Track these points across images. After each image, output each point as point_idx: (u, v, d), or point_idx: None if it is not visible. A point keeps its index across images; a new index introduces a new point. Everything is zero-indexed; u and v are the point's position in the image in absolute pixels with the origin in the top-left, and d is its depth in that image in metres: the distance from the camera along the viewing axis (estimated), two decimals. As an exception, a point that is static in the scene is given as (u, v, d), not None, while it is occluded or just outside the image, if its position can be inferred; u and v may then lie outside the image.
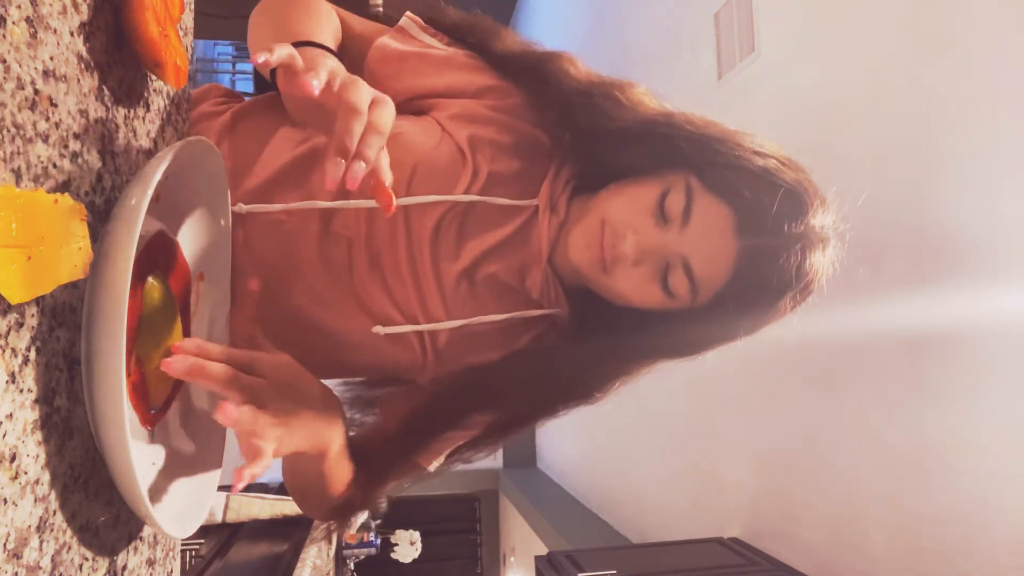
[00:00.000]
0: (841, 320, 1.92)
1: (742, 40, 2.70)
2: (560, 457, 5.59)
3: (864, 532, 2.01)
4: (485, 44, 0.81)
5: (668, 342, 0.76)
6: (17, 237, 0.36)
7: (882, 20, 1.97)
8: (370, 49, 0.81)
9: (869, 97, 2.02)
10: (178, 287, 0.60)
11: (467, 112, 0.77)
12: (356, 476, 0.76)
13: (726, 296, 0.70)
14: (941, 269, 1.75)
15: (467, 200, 0.73)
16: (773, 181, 0.69)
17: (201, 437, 0.61)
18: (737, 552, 2.48)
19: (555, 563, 2.49)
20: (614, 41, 4.21)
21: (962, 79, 1.69)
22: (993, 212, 1.60)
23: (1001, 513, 1.58)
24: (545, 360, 0.77)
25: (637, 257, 0.70)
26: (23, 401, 0.39)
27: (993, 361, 1.60)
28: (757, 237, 0.68)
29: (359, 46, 0.82)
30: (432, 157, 0.74)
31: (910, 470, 1.84)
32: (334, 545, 3.13)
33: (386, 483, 0.80)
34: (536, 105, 0.78)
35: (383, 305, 0.74)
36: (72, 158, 0.44)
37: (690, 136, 0.72)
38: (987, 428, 1.62)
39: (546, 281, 0.77)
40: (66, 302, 0.43)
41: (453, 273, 0.74)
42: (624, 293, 0.73)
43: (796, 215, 0.68)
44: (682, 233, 0.69)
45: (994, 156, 1.60)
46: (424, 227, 0.73)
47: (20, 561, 0.38)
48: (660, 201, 0.70)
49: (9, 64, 0.38)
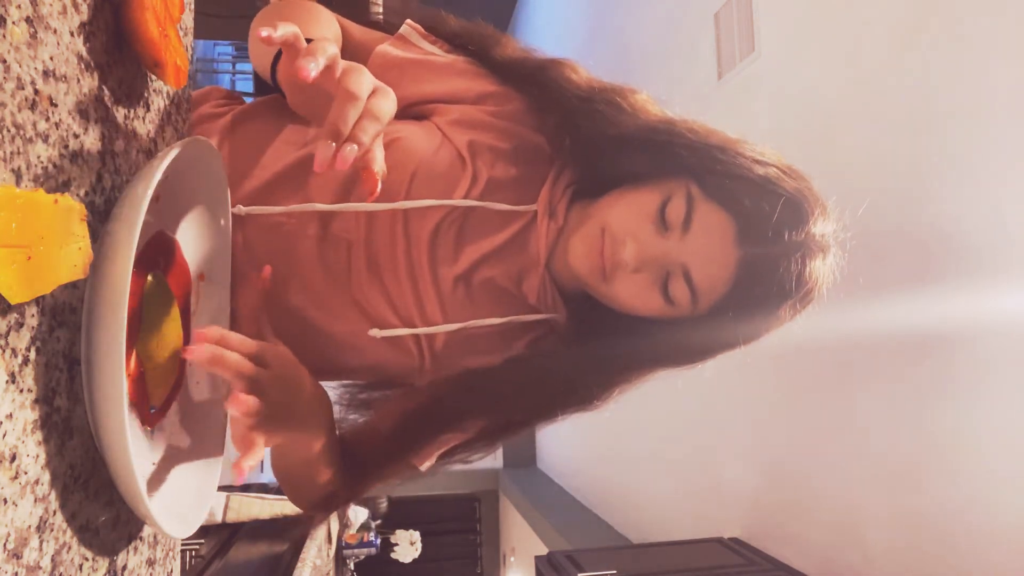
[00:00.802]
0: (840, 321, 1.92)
1: (742, 40, 2.70)
2: (560, 457, 5.59)
3: (864, 532, 2.01)
4: (486, 52, 0.81)
5: (667, 351, 0.76)
6: (17, 237, 0.36)
7: (882, 20, 1.97)
8: (370, 56, 0.81)
9: (869, 97, 2.02)
10: (178, 287, 0.60)
11: (467, 118, 0.77)
12: (342, 471, 0.78)
13: (726, 304, 0.70)
14: (941, 270, 1.75)
15: (466, 205, 0.73)
16: (774, 190, 0.69)
17: (201, 437, 0.61)
18: (737, 552, 2.48)
19: (555, 563, 2.49)
20: (614, 42, 4.21)
21: (962, 79, 1.69)
22: (993, 212, 1.60)
23: (1001, 513, 1.58)
24: (542, 365, 0.77)
25: (637, 264, 0.70)
26: (23, 401, 0.39)
27: (993, 361, 1.60)
28: (758, 246, 0.68)
29: (359, 53, 0.82)
30: (432, 162, 0.74)
31: (910, 470, 1.84)
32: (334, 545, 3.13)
33: (374, 481, 0.81)
34: (537, 111, 0.78)
35: (380, 308, 0.75)
36: (72, 158, 0.44)
37: (691, 144, 0.72)
38: (987, 428, 1.62)
39: (543, 286, 0.77)
40: (66, 302, 0.43)
41: (450, 277, 0.74)
42: (624, 300, 0.73)
43: (796, 224, 0.68)
44: (682, 241, 0.69)
45: (994, 156, 1.60)
46: (423, 231, 0.73)
47: (20, 561, 0.38)
48: (661, 209, 0.70)
49: (9, 64, 0.38)
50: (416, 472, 0.83)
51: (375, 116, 0.54)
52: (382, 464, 0.80)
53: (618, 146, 0.74)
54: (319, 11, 0.79)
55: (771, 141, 0.75)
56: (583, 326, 0.78)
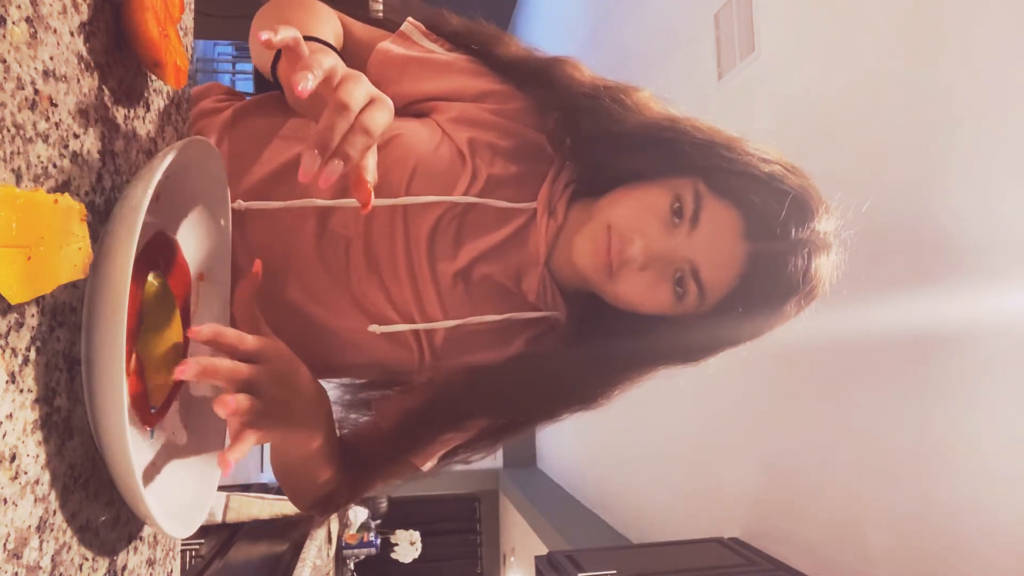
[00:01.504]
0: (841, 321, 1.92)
1: (742, 40, 2.70)
2: (560, 457, 5.59)
3: (864, 532, 2.01)
4: (488, 50, 0.81)
5: (671, 348, 0.76)
6: (17, 237, 0.36)
7: (882, 20, 1.97)
8: (371, 54, 0.81)
9: (869, 97, 2.02)
10: (178, 287, 0.60)
11: (467, 115, 0.77)
12: (342, 470, 0.77)
13: (732, 301, 0.70)
14: (941, 269, 1.75)
15: (465, 202, 0.73)
16: (780, 187, 0.69)
17: (201, 437, 0.61)
18: (737, 552, 2.48)
19: (555, 563, 2.49)
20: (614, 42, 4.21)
21: (962, 79, 1.69)
22: (993, 212, 1.60)
23: (1001, 513, 1.58)
24: (543, 364, 0.77)
25: (645, 261, 0.70)
26: (23, 401, 0.39)
27: (993, 361, 1.60)
28: (765, 242, 0.68)
29: (360, 51, 0.82)
30: (431, 159, 0.74)
31: (910, 470, 1.84)
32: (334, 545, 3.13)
33: (375, 481, 0.81)
34: (538, 109, 0.78)
35: (380, 304, 0.75)
36: (72, 158, 0.44)
37: (697, 141, 0.72)
38: (987, 428, 1.62)
39: (543, 284, 0.77)
40: (66, 302, 0.43)
41: (450, 273, 0.74)
42: (630, 298, 0.73)
43: (803, 220, 0.69)
44: (690, 238, 0.69)
45: (994, 156, 1.60)
46: (422, 227, 0.73)
47: (20, 561, 0.38)
48: (668, 206, 0.70)
49: (9, 64, 0.38)
50: (418, 472, 0.83)
51: (366, 130, 0.53)
52: (383, 464, 0.80)
53: (623, 143, 0.74)
54: (320, 8, 0.79)
55: (771, 141, 0.76)
56: (583, 324, 0.78)
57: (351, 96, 0.53)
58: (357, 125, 0.53)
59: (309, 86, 0.51)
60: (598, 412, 0.81)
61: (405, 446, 0.79)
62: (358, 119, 0.53)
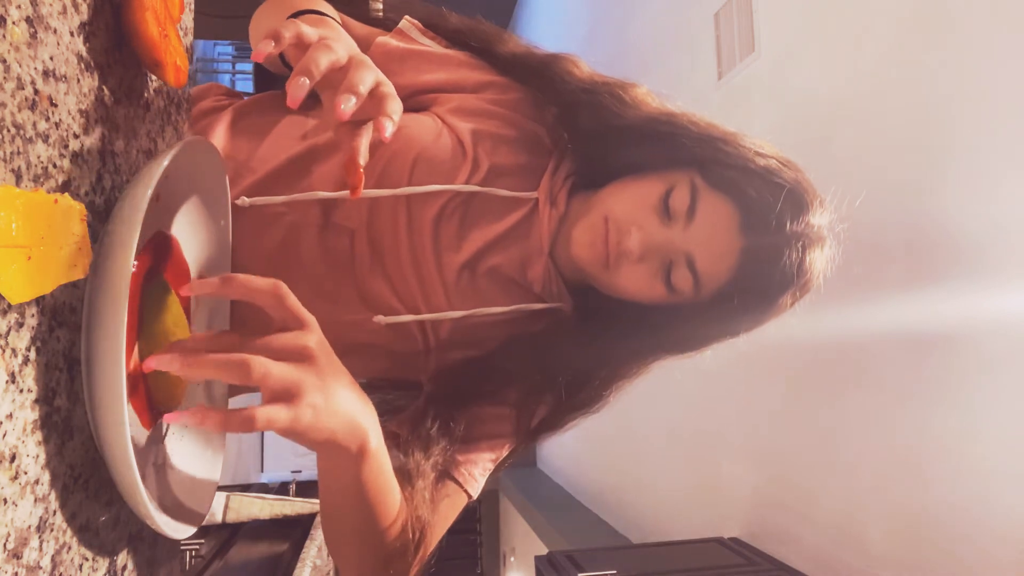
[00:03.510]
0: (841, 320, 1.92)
1: (742, 40, 2.70)
2: (560, 457, 5.59)
3: (864, 532, 2.01)
4: (488, 48, 0.82)
5: (669, 337, 0.76)
6: (17, 237, 0.36)
7: (881, 20, 1.97)
8: (370, 48, 0.81)
9: (868, 97, 2.02)
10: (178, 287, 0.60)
11: (467, 106, 0.78)
12: (407, 506, 0.64)
13: (728, 292, 0.71)
14: (941, 269, 1.75)
15: (468, 190, 0.73)
16: (775, 180, 0.70)
17: (201, 437, 0.61)
18: (737, 552, 2.48)
19: (555, 563, 2.49)
20: (614, 42, 4.21)
21: (961, 79, 1.69)
22: (993, 212, 1.60)
23: (1001, 512, 1.58)
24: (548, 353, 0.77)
25: (642, 253, 0.71)
26: (23, 401, 0.39)
27: (993, 361, 1.60)
28: (761, 235, 0.69)
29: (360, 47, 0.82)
30: (433, 149, 0.74)
31: (910, 469, 1.84)
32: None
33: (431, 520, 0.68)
34: (537, 103, 0.79)
35: (385, 295, 0.74)
36: (72, 158, 0.44)
37: (694, 135, 0.73)
38: (987, 427, 1.62)
39: (547, 275, 0.78)
40: (66, 302, 0.43)
41: (455, 264, 0.74)
42: (627, 289, 0.73)
43: (798, 213, 0.70)
44: (686, 230, 0.70)
45: (994, 156, 1.60)
46: (425, 217, 0.73)
47: (20, 561, 0.38)
48: (664, 198, 0.71)
49: (9, 64, 0.38)
50: (470, 500, 0.76)
51: (382, 82, 0.53)
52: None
53: (621, 137, 0.75)
54: (319, 4, 0.79)
55: (771, 141, 0.76)
56: (587, 316, 0.79)
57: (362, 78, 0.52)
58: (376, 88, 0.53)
59: (351, 106, 0.50)
60: (599, 412, 0.81)
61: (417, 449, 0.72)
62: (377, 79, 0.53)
